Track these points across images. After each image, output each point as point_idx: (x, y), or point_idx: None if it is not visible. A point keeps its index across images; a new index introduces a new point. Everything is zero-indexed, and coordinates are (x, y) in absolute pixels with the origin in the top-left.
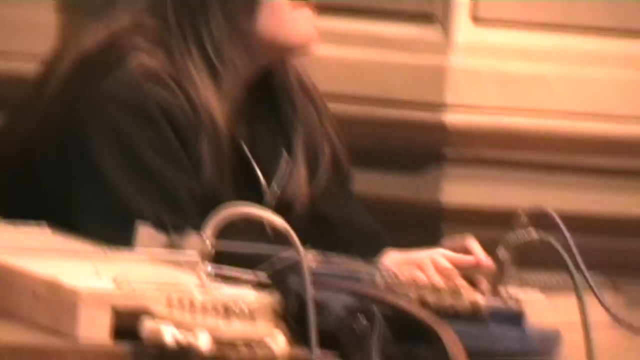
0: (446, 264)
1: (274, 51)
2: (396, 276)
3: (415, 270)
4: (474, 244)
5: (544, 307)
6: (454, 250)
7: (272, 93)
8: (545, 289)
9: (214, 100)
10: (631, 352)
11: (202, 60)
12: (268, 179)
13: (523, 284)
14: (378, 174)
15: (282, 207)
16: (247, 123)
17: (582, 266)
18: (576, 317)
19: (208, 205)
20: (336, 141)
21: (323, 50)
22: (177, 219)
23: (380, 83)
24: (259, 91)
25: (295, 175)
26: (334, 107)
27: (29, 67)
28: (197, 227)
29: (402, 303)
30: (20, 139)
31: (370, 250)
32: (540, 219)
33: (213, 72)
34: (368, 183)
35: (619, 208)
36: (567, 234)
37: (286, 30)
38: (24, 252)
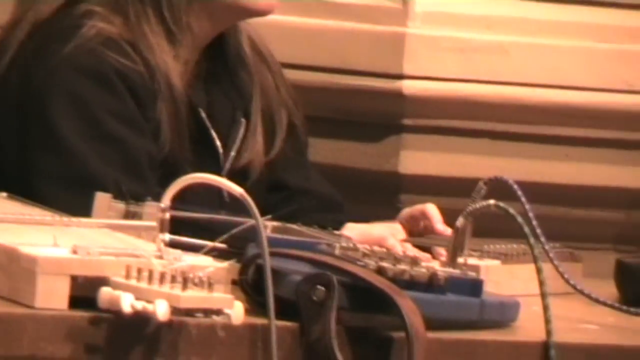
0: (403, 236)
1: (233, 15)
2: (355, 246)
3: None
4: (432, 210)
5: (502, 276)
6: (413, 217)
7: (227, 59)
8: (504, 258)
9: (171, 66)
10: (589, 322)
11: (160, 25)
12: (225, 145)
13: (482, 253)
14: (337, 143)
15: (239, 174)
16: (205, 89)
17: (541, 236)
18: (534, 287)
19: (167, 171)
20: (293, 108)
21: (282, 19)
22: (137, 185)
23: (339, 52)
24: (215, 57)
25: (252, 142)
26: (293, 75)
27: None
28: (156, 193)
29: (361, 272)
30: None
31: (329, 219)
32: (500, 189)
33: (170, 37)
34: (327, 152)
35: (578, 178)
36: (526, 204)
37: None
38: None
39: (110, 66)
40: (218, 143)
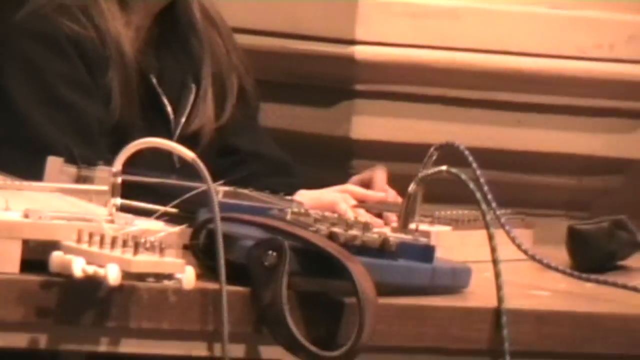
0: (354, 202)
1: None
2: (307, 211)
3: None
4: (380, 176)
5: (453, 242)
6: (363, 182)
7: (178, 25)
8: (455, 224)
9: (122, 32)
10: (540, 288)
11: None
12: (176, 111)
13: (433, 219)
14: (289, 108)
15: (189, 140)
16: (156, 55)
17: (492, 202)
18: (485, 253)
19: (117, 138)
20: (243, 72)
21: None
22: (88, 150)
23: (292, 17)
24: (165, 23)
25: (202, 107)
26: (245, 40)
27: None
28: (107, 159)
29: (312, 237)
30: None
31: (280, 183)
32: (451, 154)
33: (122, 4)
34: (280, 117)
35: (531, 144)
36: (477, 170)
37: None
38: None
39: (61, 32)
40: (169, 109)
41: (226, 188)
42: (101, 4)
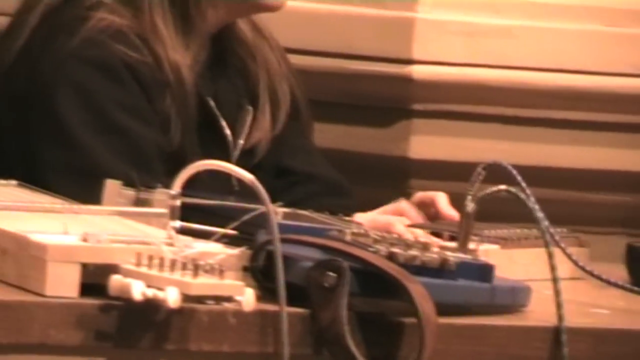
0: (408, 222)
1: (246, 10)
2: (366, 232)
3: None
4: (441, 198)
5: (501, 261)
6: (422, 204)
7: (230, 45)
8: (504, 243)
9: (181, 57)
10: (599, 306)
11: (172, 17)
12: (234, 133)
13: (482, 238)
14: (347, 128)
15: (246, 155)
16: (211, 78)
17: (545, 220)
18: (535, 271)
19: (175, 163)
20: (295, 85)
21: (294, 5)
22: (145, 175)
23: (349, 37)
24: (217, 45)
25: (260, 125)
26: (304, 61)
27: None
28: (165, 184)
29: (371, 257)
30: None
31: (336, 204)
32: (499, 173)
33: (182, 29)
34: (337, 137)
35: (585, 161)
36: (526, 188)
37: None
38: None
39: (117, 58)
40: (227, 131)
41: (285, 209)
42: (161, 31)
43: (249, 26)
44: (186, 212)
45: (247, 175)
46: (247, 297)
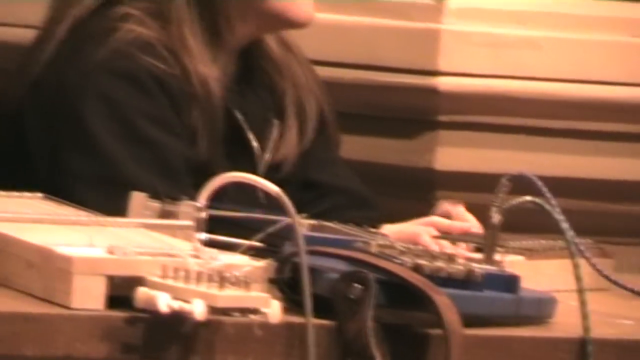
0: (436, 233)
1: (274, 25)
2: (392, 243)
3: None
4: (458, 209)
5: (526, 272)
6: (445, 217)
7: (257, 59)
8: (529, 254)
9: (209, 70)
10: (625, 317)
11: (201, 30)
12: (262, 147)
13: (507, 249)
14: (372, 140)
15: (273, 172)
16: (239, 92)
17: (570, 230)
18: (560, 283)
19: (202, 175)
20: (323, 103)
21: (319, 17)
22: (172, 187)
23: (373, 49)
24: (245, 58)
25: (286, 139)
26: (328, 73)
27: (23, 36)
28: (191, 195)
29: (397, 269)
30: (14, 106)
31: (361, 217)
32: (524, 184)
33: (211, 42)
34: (362, 149)
35: (610, 172)
36: (552, 199)
37: (294, 7)
38: (19, 220)
39: (145, 69)
40: (255, 144)
41: (311, 221)
42: (187, 43)
43: (277, 40)
44: (212, 224)
45: (273, 188)
46: (273, 309)
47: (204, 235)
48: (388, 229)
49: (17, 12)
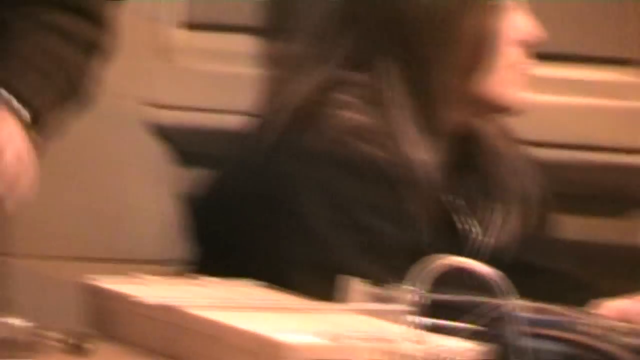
0: None
1: (489, 111)
2: (614, 325)
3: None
4: None
5: None
6: None
7: (475, 146)
8: None
9: (427, 157)
10: None
11: (418, 116)
12: (478, 232)
13: None
14: (588, 219)
15: (496, 257)
16: (458, 177)
17: None
18: None
19: (419, 262)
20: (538, 183)
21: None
22: (389, 275)
23: (582, 128)
24: (463, 145)
25: (508, 225)
26: (541, 153)
27: (231, 122)
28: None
29: (617, 351)
30: (232, 195)
31: (579, 298)
32: None
33: (427, 128)
34: (578, 228)
35: None
36: None
37: (509, 93)
38: (237, 308)
39: (360, 156)
40: (474, 229)
41: (530, 304)
42: (405, 129)
43: (495, 127)
44: (428, 308)
45: (492, 271)
46: None
47: (422, 320)
48: (610, 305)
49: (227, 97)
